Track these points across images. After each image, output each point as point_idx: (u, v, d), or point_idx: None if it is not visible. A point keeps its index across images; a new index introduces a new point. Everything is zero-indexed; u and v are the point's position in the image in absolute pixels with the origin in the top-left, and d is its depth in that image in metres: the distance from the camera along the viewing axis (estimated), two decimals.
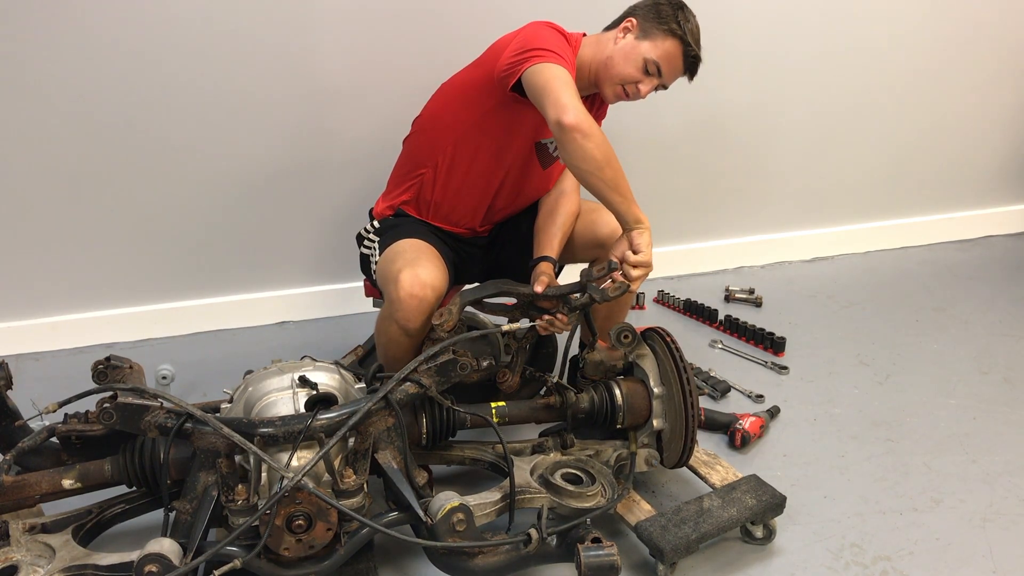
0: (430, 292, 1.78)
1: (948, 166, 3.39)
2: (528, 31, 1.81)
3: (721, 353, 2.62)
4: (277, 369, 1.65)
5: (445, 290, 1.86)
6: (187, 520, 1.49)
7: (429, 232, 2.00)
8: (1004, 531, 1.83)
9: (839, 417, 2.26)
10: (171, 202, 2.52)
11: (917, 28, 3.03)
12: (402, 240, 1.94)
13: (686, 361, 1.74)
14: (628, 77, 1.84)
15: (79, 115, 2.32)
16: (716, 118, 2.95)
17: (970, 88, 3.24)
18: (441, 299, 1.84)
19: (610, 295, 1.73)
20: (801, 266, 3.27)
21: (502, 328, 1.76)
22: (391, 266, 1.85)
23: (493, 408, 1.78)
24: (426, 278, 1.78)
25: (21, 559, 1.44)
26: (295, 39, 2.38)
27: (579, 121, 1.63)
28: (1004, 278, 3.16)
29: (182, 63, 2.33)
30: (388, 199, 2.09)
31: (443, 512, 1.49)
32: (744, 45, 2.84)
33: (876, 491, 1.95)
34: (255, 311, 2.74)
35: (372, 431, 1.56)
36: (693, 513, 1.68)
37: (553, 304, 1.81)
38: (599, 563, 1.47)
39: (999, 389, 2.40)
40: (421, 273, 1.78)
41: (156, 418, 1.48)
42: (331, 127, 2.54)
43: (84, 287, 2.56)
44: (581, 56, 1.90)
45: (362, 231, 2.13)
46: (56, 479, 1.56)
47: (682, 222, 3.10)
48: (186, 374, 2.39)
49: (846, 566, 1.72)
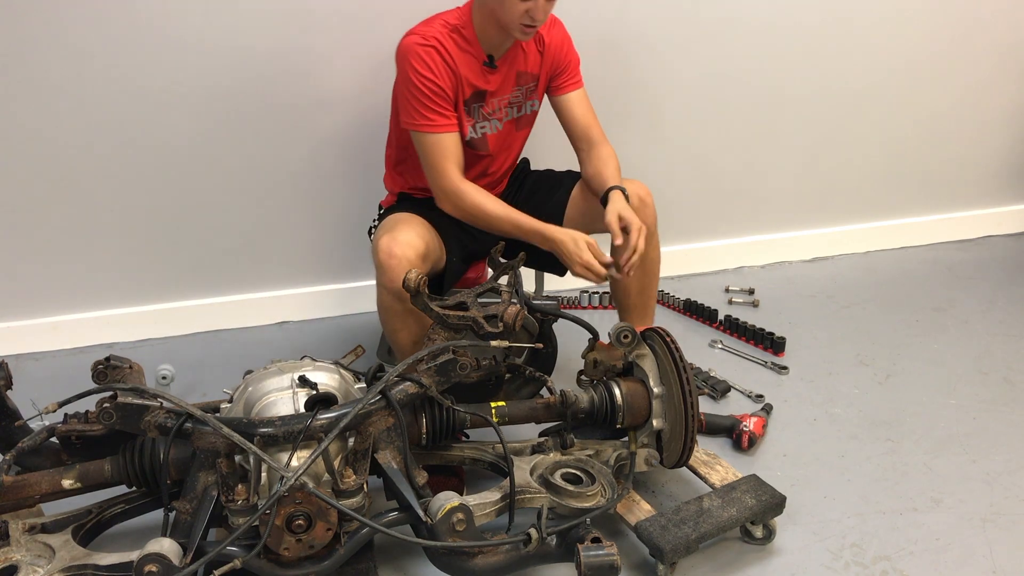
0: (409, 250, 1.84)
1: (948, 166, 3.39)
2: (399, 78, 1.95)
3: (721, 353, 2.62)
4: (277, 369, 1.65)
5: (429, 252, 1.93)
6: (187, 520, 1.49)
7: (427, 207, 2.04)
8: (1004, 531, 1.83)
9: (839, 417, 2.26)
10: (171, 202, 2.52)
11: (917, 28, 3.03)
12: (391, 216, 2.03)
13: (686, 361, 1.74)
14: (514, 14, 1.84)
15: (79, 115, 2.32)
16: (716, 118, 2.95)
17: (970, 87, 3.24)
18: (428, 260, 1.92)
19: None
20: (801, 266, 3.27)
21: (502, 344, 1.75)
22: (375, 238, 1.94)
23: (493, 408, 1.78)
24: (404, 239, 1.86)
25: (21, 559, 1.44)
26: (295, 39, 2.38)
27: (449, 190, 1.92)
28: (1004, 278, 3.16)
29: (182, 63, 2.33)
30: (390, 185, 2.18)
31: (443, 512, 1.49)
32: (743, 45, 2.84)
33: (876, 491, 1.95)
34: (255, 311, 2.74)
35: (372, 431, 1.56)
36: (693, 513, 1.68)
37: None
38: (599, 563, 1.47)
39: (999, 389, 2.40)
40: (399, 236, 1.87)
41: (156, 418, 1.48)
42: (331, 127, 2.54)
43: (84, 287, 2.56)
44: (476, 21, 1.94)
45: (372, 223, 2.20)
46: (56, 479, 1.56)
47: (682, 222, 3.10)
48: (186, 374, 2.39)
49: (846, 566, 1.72)
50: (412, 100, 1.89)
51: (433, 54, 1.88)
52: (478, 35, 1.94)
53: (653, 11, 2.68)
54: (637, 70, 2.75)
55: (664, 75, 2.81)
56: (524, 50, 2.04)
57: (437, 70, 1.88)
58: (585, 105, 2.12)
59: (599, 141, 2.09)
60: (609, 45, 2.65)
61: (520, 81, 2.06)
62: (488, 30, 1.94)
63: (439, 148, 1.91)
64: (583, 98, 2.12)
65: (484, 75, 1.98)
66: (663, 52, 2.76)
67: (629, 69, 2.73)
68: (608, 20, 2.62)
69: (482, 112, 2.03)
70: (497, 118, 2.06)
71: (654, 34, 2.72)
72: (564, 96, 2.10)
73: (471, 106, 2.00)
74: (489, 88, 2.00)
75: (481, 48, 1.96)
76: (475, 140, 2.04)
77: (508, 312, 1.71)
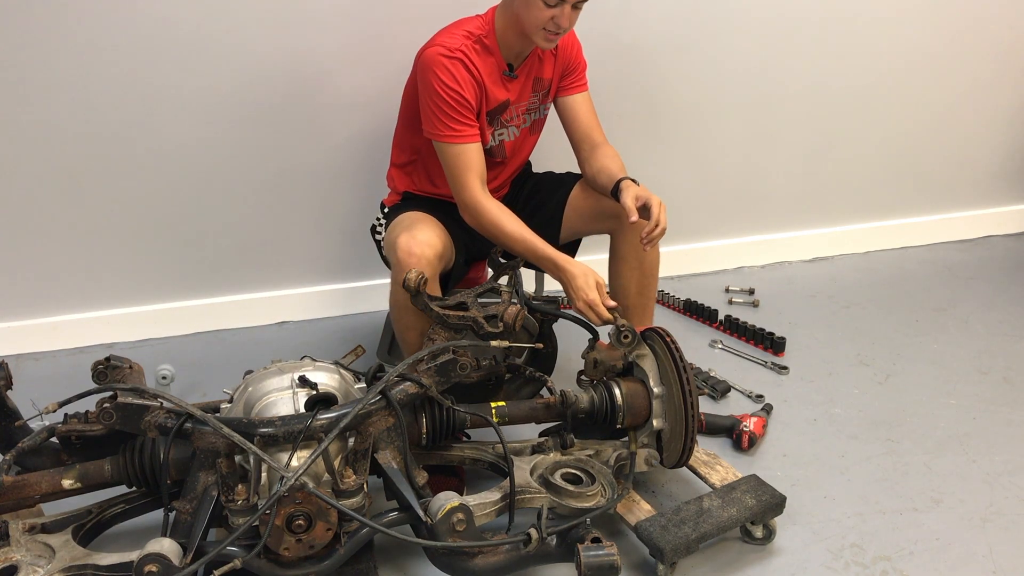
0: (428, 249, 1.84)
1: (948, 166, 3.39)
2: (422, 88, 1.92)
3: (721, 353, 2.62)
4: (277, 369, 1.65)
5: (446, 251, 1.92)
6: (187, 520, 1.49)
7: (434, 207, 2.05)
8: (1004, 531, 1.83)
9: (839, 417, 2.26)
10: (171, 202, 2.52)
11: (917, 28, 3.03)
12: (402, 214, 2.03)
13: (686, 361, 1.74)
14: (539, 20, 1.84)
15: (79, 115, 2.32)
16: (716, 118, 2.95)
17: (970, 87, 3.24)
18: (444, 259, 1.91)
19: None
20: (801, 266, 3.27)
21: (502, 344, 1.75)
22: (391, 235, 1.94)
23: (493, 408, 1.78)
24: (423, 238, 1.85)
25: (21, 559, 1.44)
26: (295, 40, 2.38)
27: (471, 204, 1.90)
28: (1004, 278, 3.16)
29: (181, 63, 2.33)
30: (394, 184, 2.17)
31: (443, 512, 1.49)
32: (743, 45, 2.84)
33: (876, 491, 1.95)
34: (255, 311, 2.74)
35: (372, 431, 1.56)
36: (693, 513, 1.68)
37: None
38: (599, 563, 1.47)
39: (999, 389, 2.40)
40: (418, 235, 1.86)
41: (156, 418, 1.48)
42: (331, 127, 2.54)
43: (84, 287, 2.56)
44: (498, 28, 1.94)
45: (374, 222, 2.19)
46: (56, 479, 1.56)
47: (682, 222, 3.09)
48: (186, 374, 2.38)
49: (846, 566, 1.72)
50: (437, 111, 1.88)
51: (459, 66, 1.87)
52: (499, 44, 1.94)
53: (653, 11, 2.68)
54: (637, 70, 2.75)
55: (664, 75, 2.81)
56: (540, 56, 2.03)
57: (463, 82, 1.87)
58: (589, 107, 2.12)
59: (601, 142, 2.09)
60: (609, 45, 2.65)
61: (536, 87, 2.06)
62: (509, 38, 1.93)
63: (463, 160, 1.90)
64: (587, 100, 2.12)
65: (505, 84, 1.98)
66: (663, 52, 2.76)
67: (629, 69, 2.73)
68: (609, 20, 2.62)
69: (501, 120, 2.02)
70: (515, 125, 2.06)
71: (654, 34, 2.72)
72: (570, 98, 2.10)
73: (494, 116, 2.00)
74: (511, 97, 2.00)
75: (502, 57, 1.96)
76: (493, 148, 2.05)
77: (508, 312, 1.71)
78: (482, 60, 1.91)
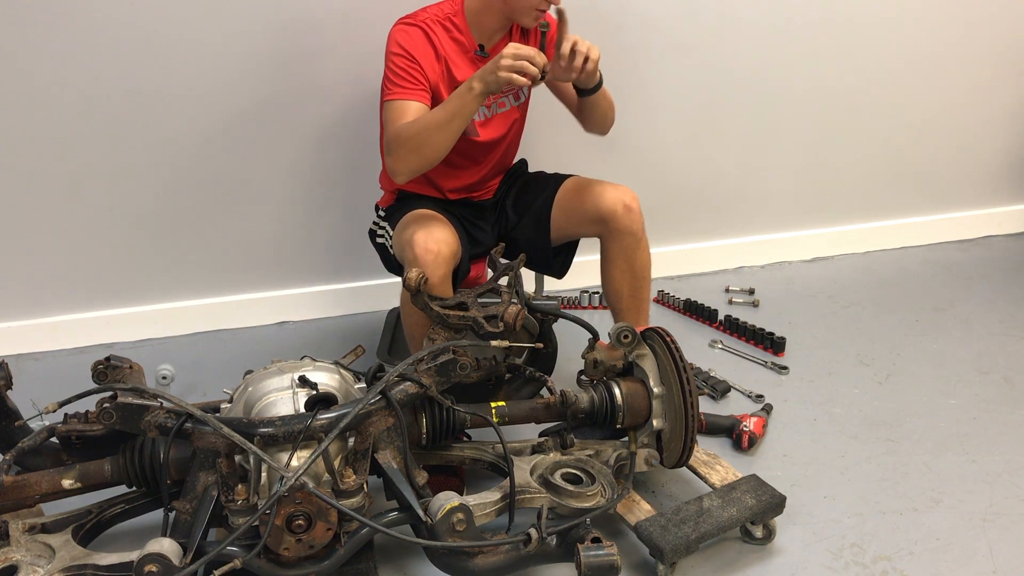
0: (444, 247, 1.84)
1: (948, 165, 3.39)
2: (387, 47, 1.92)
3: (721, 353, 2.62)
4: (277, 369, 1.65)
5: (459, 249, 1.92)
6: (187, 520, 1.49)
7: (433, 203, 2.06)
8: (1004, 531, 1.83)
9: (839, 417, 2.26)
10: (171, 202, 2.52)
11: (917, 28, 3.03)
12: (410, 212, 2.01)
13: (686, 361, 1.74)
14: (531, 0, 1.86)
15: (79, 115, 2.32)
16: (716, 118, 2.95)
17: (970, 87, 3.24)
18: (456, 257, 1.90)
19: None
20: (801, 266, 3.27)
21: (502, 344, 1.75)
22: (403, 234, 1.91)
23: (493, 408, 1.78)
24: (439, 235, 1.85)
25: (21, 559, 1.44)
26: (296, 42, 2.38)
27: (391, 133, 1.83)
28: (1004, 278, 3.16)
29: (181, 63, 2.33)
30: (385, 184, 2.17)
31: (443, 512, 1.49)
32: (742, 45, 2.84)
33: (876, 491, 1.95)
34: (255, 311, 2.74)
35: (372, 431, 1.56)
36: (693, 513, 1.68)
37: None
38: (599, 563, 1.47)
39: (999, 389, 2.40)
40: (434, 232, 1.86)
41: (156, 418, 1.48)
42: (332, 128, 2.54)
43: (84, 287, 2.56)
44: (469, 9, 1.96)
45: (372, 226, 2.19)
46: (56, 479, 1.56)
47: (682, 222, 3.10)
48: (186, 374, 2.39)
49: (846, 566, 1.72)
50: (389, 74, 1.90)
51: (418, 32, 1.90)
52: (470, 24, 1.97)
53: (653, 11, 2.68)
54: (637, 69, 2.76)
55: (664, 75, 2.81)
56: (523, 38, 2.05)
57: (419, 46, 1.89)
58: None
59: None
60: (609, 45, 2.64)
61: None
62: (483, 19, 1.96)
63: (398, 112, 1.85)
64: None
65: (475, 64, 1.98)
66: (663, 52, 2.76)
67: (629, 68, 2.72)
68: (608, 19, 2.62)
69: None
70: (485, 105, 2.05)
71: (654, 33, 2.72)
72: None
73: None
74: None
75: (472, 37, 1.98)
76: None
77: (508, 312, 1.71)
78: (448, 38, 1.95)
